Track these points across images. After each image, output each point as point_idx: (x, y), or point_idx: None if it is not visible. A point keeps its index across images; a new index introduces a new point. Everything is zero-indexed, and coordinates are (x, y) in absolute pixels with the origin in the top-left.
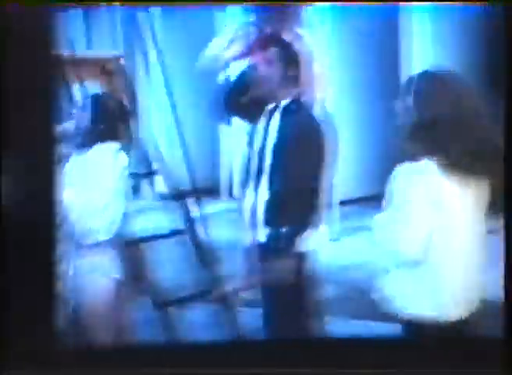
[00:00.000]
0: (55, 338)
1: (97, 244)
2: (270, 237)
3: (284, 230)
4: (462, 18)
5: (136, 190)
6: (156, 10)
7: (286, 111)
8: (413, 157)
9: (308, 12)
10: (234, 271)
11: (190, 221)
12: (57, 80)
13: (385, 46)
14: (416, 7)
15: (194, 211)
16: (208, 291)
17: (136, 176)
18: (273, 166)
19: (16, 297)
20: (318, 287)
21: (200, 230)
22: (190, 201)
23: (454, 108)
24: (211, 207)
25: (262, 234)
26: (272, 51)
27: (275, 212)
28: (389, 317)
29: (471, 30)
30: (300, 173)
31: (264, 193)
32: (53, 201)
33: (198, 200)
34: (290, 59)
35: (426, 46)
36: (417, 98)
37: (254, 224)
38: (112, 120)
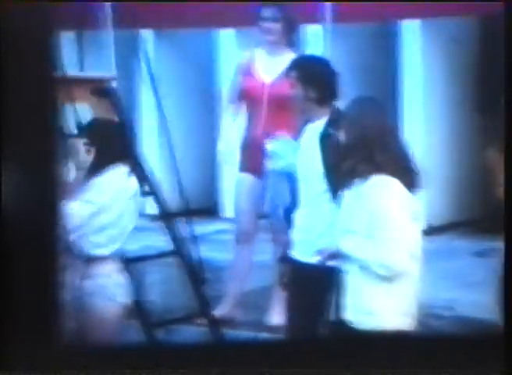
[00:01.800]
0: (55, 339)
1: (102, 262)
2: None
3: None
4: None
5: None
6: (149, 33)
7: (324, 131)
8: (361, 174)
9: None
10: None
11: (181, 242)
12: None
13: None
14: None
15: (186, 232)
16: (200, 313)
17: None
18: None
19: (17, 298)
20: None
21: (192, 251)
22: (182, 222)
23: (379, 128)
24: (205, 228)
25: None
26: (293, 74)
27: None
28: None
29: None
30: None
31: (308, 213)
32: (53, 202)
33: (190, 221)
34: (310, 80)
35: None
36: (347, 122)
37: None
38: (117, 144)
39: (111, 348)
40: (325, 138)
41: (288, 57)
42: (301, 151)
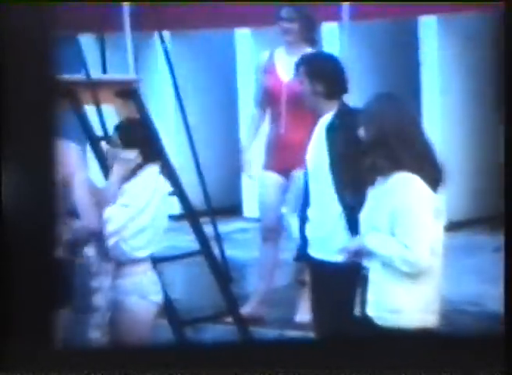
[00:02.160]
0: (55, 339)
1: (136, 262)
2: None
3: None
4: None
5: None
6: (168, 34)
7: (330, 127)
8: (382, 171)
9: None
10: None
11: (206, 241)
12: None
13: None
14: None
15: (210, 231)
16: (228, 311)
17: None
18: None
19: (17, 298)
20: None
21: (216, 251)
22: (205, 222)
23: (399, 124)
24: (227, 226)
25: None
26: (301, 70)
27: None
28: None
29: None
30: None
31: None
32: (53, 201)
33: (214, 220)
34: (317, 75)
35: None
36: (367, 119)
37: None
38: (149, 144)
39: (112, 348)
40: (332, 130)
41: None
42: (311, 146)
